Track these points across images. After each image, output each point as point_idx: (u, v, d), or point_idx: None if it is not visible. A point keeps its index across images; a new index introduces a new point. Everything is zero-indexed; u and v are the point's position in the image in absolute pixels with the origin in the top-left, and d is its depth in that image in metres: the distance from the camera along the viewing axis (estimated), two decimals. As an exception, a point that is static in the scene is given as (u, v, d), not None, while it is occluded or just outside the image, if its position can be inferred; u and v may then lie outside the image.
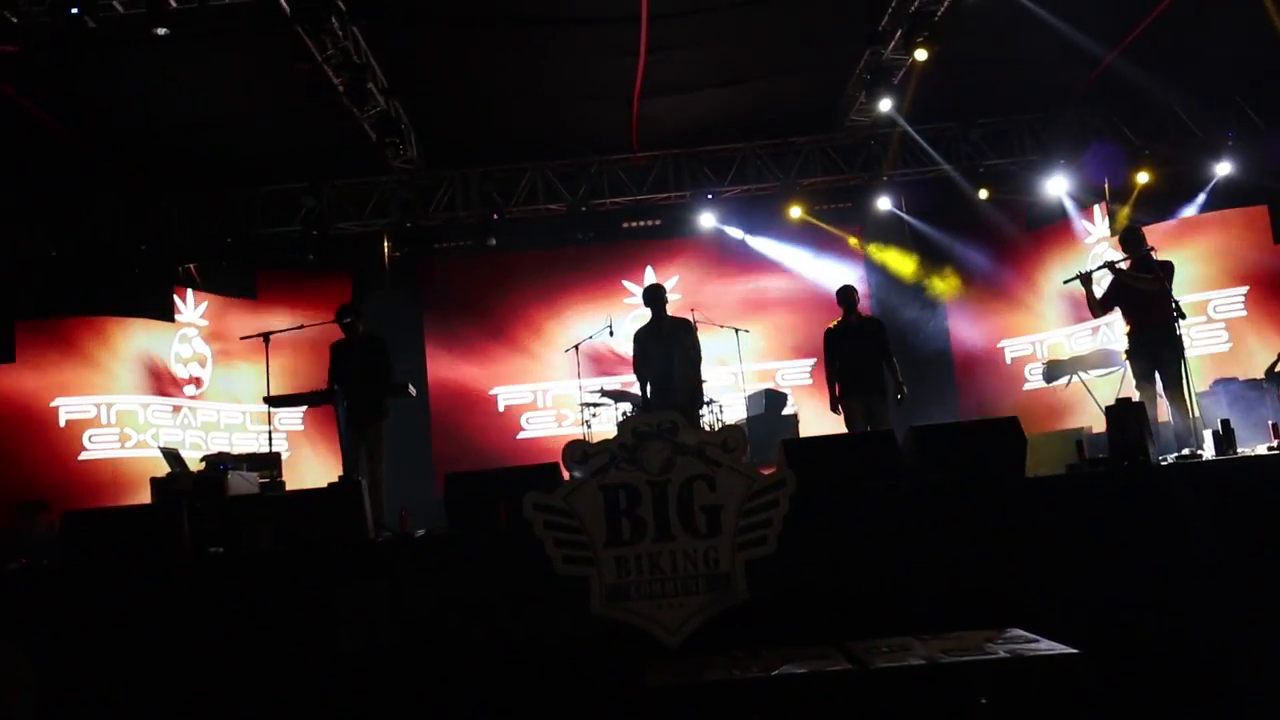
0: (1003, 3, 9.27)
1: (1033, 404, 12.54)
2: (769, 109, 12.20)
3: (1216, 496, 5.23)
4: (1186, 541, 5.13)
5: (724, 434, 5.23)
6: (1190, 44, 10.57)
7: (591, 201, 12.88)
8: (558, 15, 9.83)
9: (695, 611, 4.94)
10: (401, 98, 10.95)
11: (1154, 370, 7.79)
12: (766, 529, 5.01)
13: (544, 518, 5.00)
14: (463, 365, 13.24)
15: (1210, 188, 12.47)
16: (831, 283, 12.36)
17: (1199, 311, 11.81)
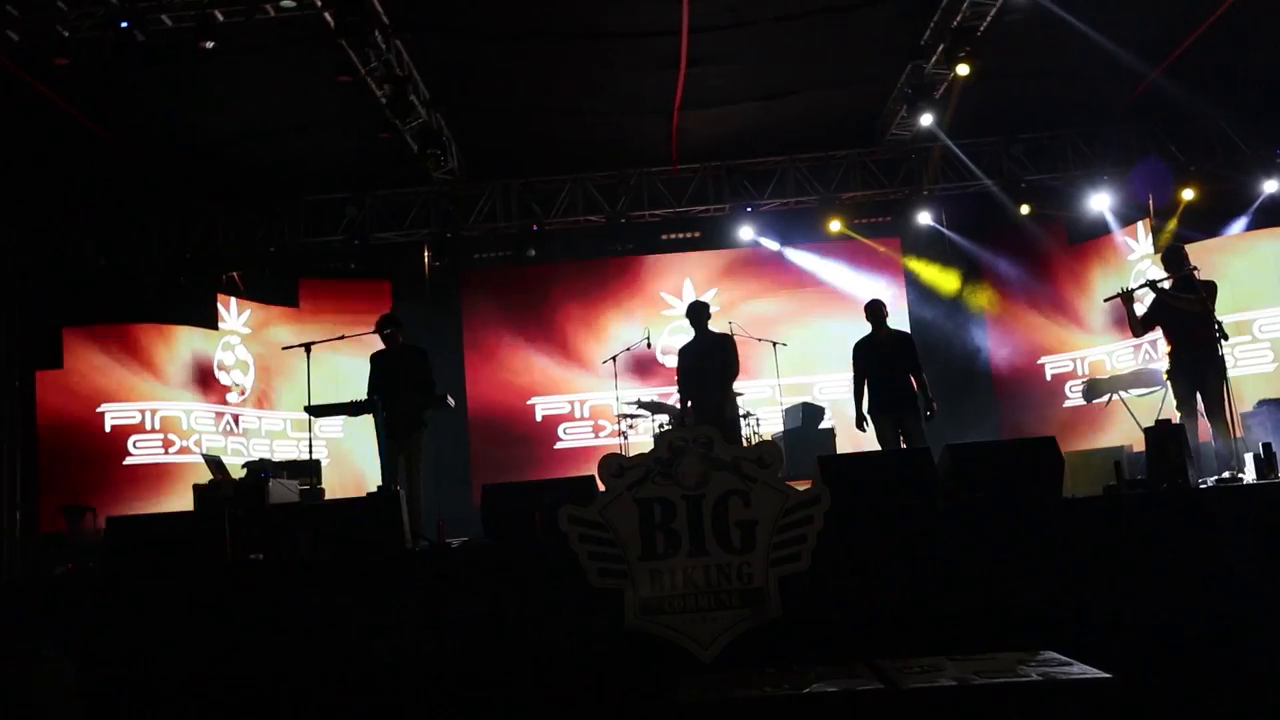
0: (1045, 18, 9.22)
1: (1073, 421, 12.44)
2: (809, 122, 12.20)
3: (1257, 521, 5.18)
4: (1226, 567, 5.08)
5: (759, 449, 5.25)
6: (1236, 60, 10.48)
7: (630, 213, 12.94)
8: (598, 28, 9.90)
9: (728, 627, 4.95)
10: (443, 109, 11.07)
11: (1195, 391, 7.70)
12: (800, 545, 5.01)
13: (579, 530, 5.03)
14: (501, 375, 13.33)
15: (1256, 205, 12.32)
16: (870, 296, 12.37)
17: (1243, 331, 11.67)
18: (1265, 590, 5.00)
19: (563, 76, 10.78)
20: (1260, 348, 11.80)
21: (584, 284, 13.63)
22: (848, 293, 13.45)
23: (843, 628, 5.08)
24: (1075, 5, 9.23)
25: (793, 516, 5.06)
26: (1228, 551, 5.09)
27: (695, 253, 13.82)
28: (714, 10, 9.56)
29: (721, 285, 13.60)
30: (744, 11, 9.66)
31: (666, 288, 13.60)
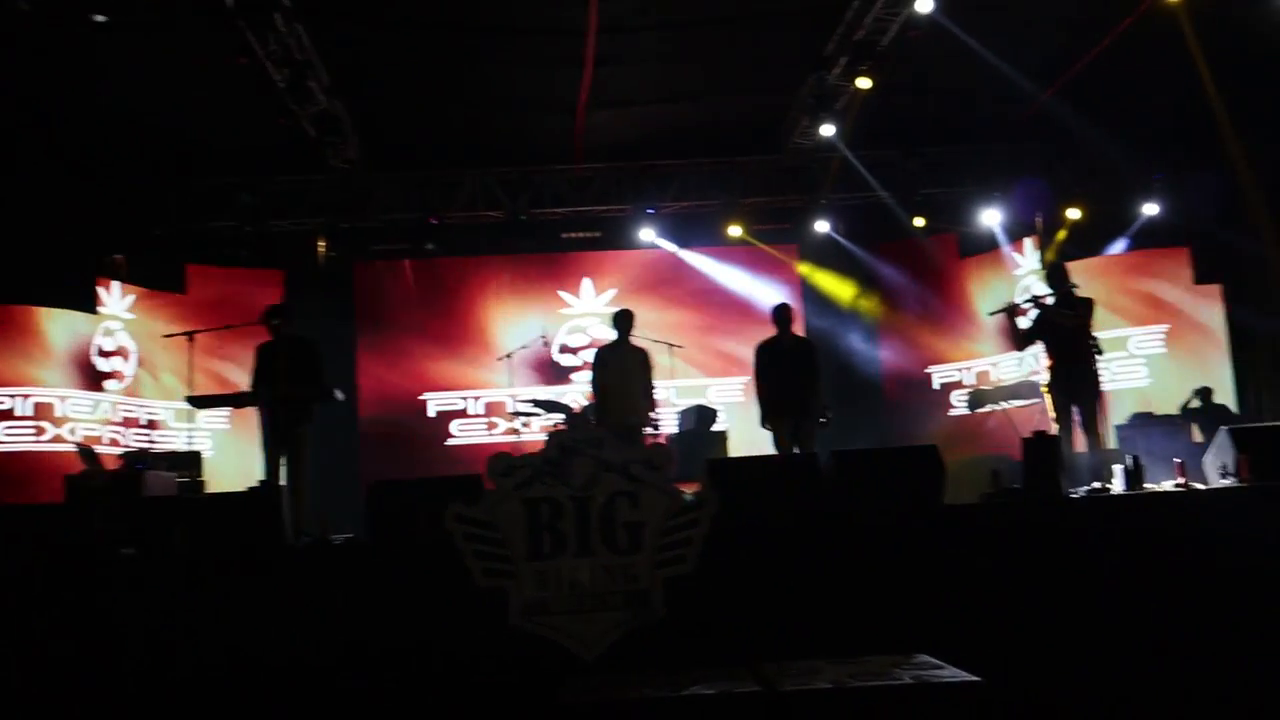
0: (944, 36, 9.43)
1: (959, 430, 12.74)
2: (713, 127, 12.31)
3: (1123, 529, 5.37)
4: (1093, 572, 5.25)
5: (649, 452, 5.26)
6: (1123, 86, 10.85)
7: (531, 210, 12.90)
8: (506, 24, 9.85)
9: (612, 627, 4.95)
10: (344, 97, 10.89)
11: (1071, 403, 7.97)
12: (686, 548, 5.04)
13: (465, 529, 4.99)
14: (394, 370, 13.13)
15: (1136, 227, 12.78)
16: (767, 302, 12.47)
17: (1120, 347, 12.09)
18: (1129, 595, 5.18)
19: (468, 70, 10.69)
20: (1135, 363, 12.24)
21: (482, 280, 13.51)
22: (745, 297, 13.58)
23: (726, 630, 5.13)
24: (973, 25, 9.46)
25: (680, 519, 5.09)
26: (1095, 558, 5.26)
27: (595, 252, 13.80)
28: (622, 12, 9.58)
29: (620, 286, 13.61)
30: (651, 14, 9.70)
31: (565, 286, 13.56)
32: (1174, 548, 5.34)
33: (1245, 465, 5.82)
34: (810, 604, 5.18)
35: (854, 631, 4.97)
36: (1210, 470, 6.17)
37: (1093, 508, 5.59)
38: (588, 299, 13.54)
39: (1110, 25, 10.00)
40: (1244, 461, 5.82)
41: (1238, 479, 5.82)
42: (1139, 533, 5.40)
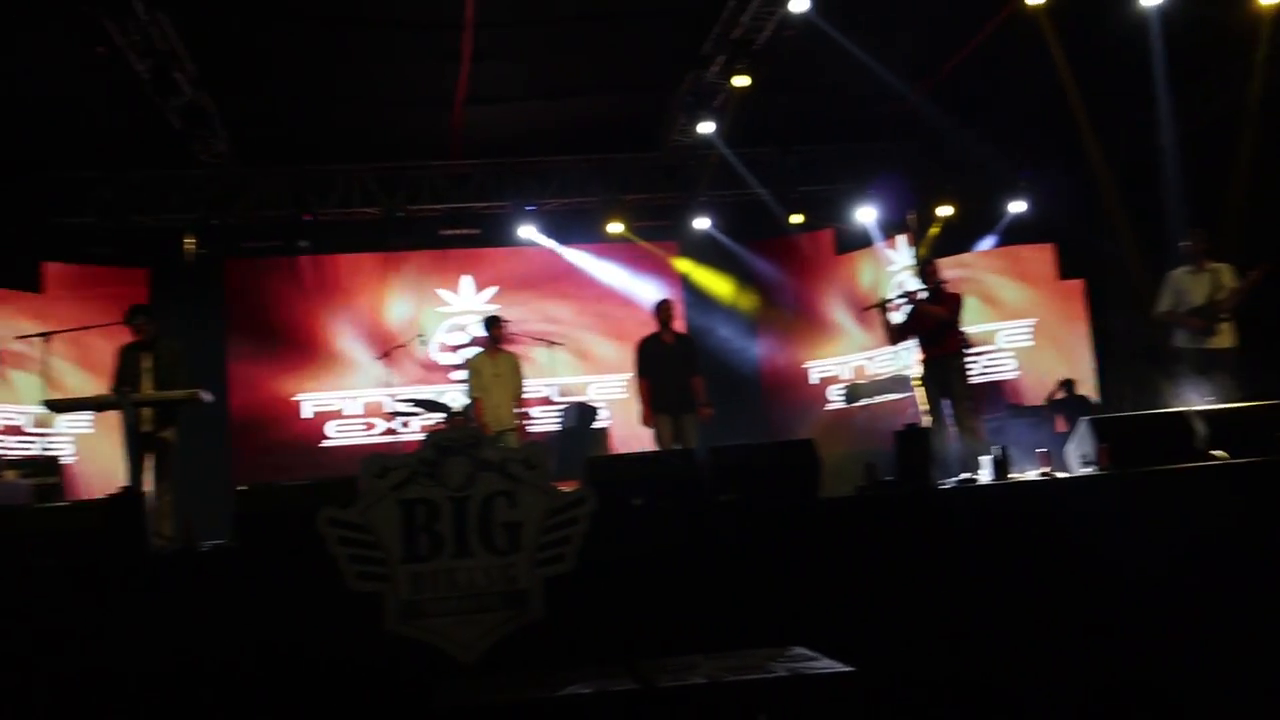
0: (820, 36, 9.57)
1: (836, 424, 12.96)
2: (593, 123, 12.29)
3: (991, 519, 5.51)
4: (962, 562, 5.38)
5: (526, 450, 5.21)
6: (990, 86, 11.17)
7: (409, 207, 12.70)
8: (381, 17, 9.68)
9: (490, 629, 4.89)
10: (212, 89, 10.54)
11: (943, 396, 8.18)
12: (565, 546, 5.01)
13: (338, 533, 4.87)
14: (267, 370, 12.79)
15: (1004, 224, 13.18)
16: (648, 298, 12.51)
17: (989, 341, 12.47)
18: (997, 584, 5.32)
19: (343, 63, 10.49)
20: (1004, 356, 12.63)
21: (358, 277, 13.27)
22: (626, 294, 13.60)
23: (606, 628, 5.11)
24: (847, 25, 9.62)
25: (558, 518, 5.05)
26: (965, 546, 5.39)
27: (474, 249, 13.65)
28: (498, 6, 9.49)
29: (501, 283, 13.51)
30: (529, 9, 9.64)
31: (444, 284, 13.40)
32: (1038, 534, 5.50)
33: (1105, 454, 6.02)
34: (689, 600, 5.20)
35: (733, 626, 4.99)
36: (1072, 459, 6.38)
37: (961, 498, 5.73)
38: (467, 297, 13.40)
39: (976, 27, 10.27)
40: (1104, 450, 6.03)
41: (1098, 467, 6.02)
42: (1006, 521, 5.55)
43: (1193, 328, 8.36)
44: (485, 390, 9.42)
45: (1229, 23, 9.64)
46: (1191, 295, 8.41)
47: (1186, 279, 8.49)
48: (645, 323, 9.66)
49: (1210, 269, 8.42)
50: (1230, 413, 6.50)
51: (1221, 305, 8.30)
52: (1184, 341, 8.44)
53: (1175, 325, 8.51)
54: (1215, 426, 6.15)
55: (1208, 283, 8.37)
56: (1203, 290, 8.36)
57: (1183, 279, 8.52)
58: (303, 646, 4.92)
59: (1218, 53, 10.76)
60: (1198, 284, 8.41)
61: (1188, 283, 8.47)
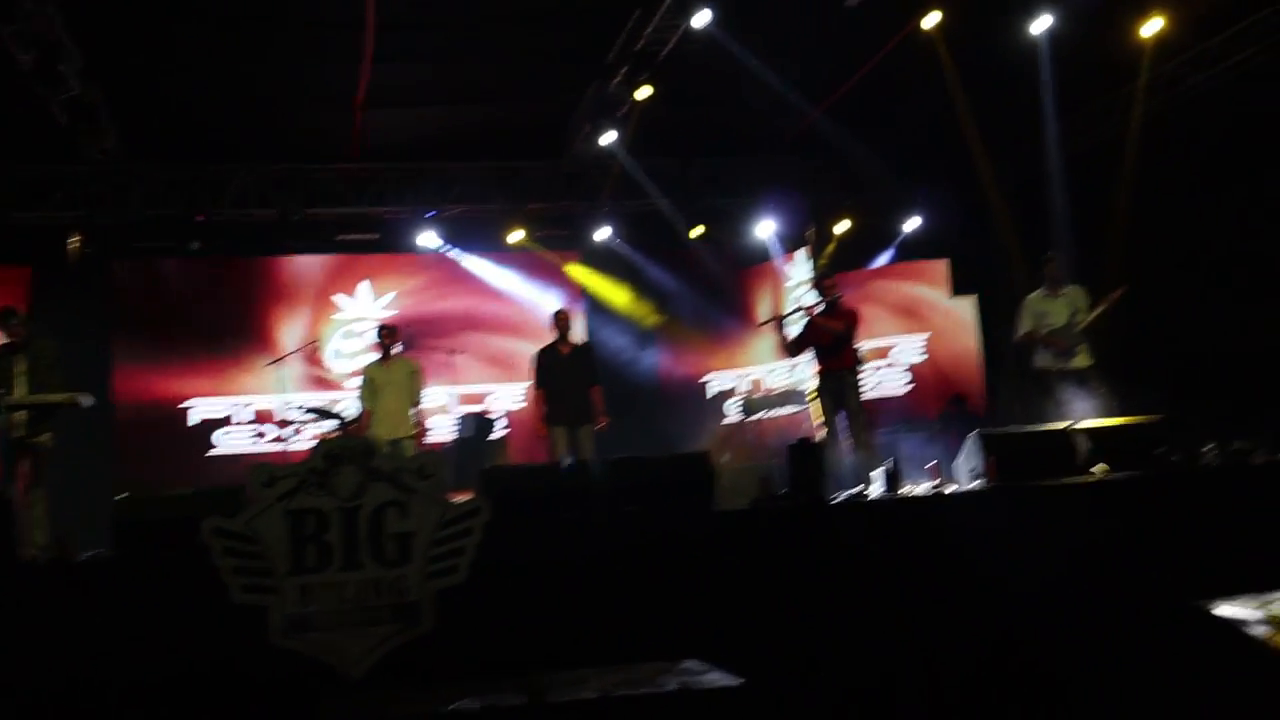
0: (722, 51, 9.65)
1: (734, 436, 13.04)
2: (496, 130, 12.19)
3: (881, 532, 5.60)
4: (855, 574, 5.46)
5: (420, 460, 5.16)
6: (890, 104, 11.39)
7: (306, 210, 12.43)
8: (282, 15, 9.49)
9: (379, 642, 4.81)
10: (103, 83, 10.20)
11: (837, 410, 8.30)
12: (458, 558, 4.95)
13: (223, 543, 4.74)
14: (154, 375, 12.38)
15: (900, 241, 13.46)
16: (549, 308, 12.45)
17: (883, 356, 12.70)
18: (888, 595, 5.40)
19: (241, 61, 10.23)
20: (898, 371, 12.87)
21: (252, 281, 12.97)
22: (526, 303, 13.53)
23: (499, 641, 5.06)
24: (749, 41, 9.72)
25: (451, 529, 4.99)
26: (856, 560, 5.47)
27: (373, 255, 13.44)
28: (401, 9, 9.38)
29: (399, 290, 13.33)
30: (432, 12, 9.54)
31: (341, 289, 13.17)
32: (928, 546, 5.61)
33: (993, 468, 6.18)
34: (584, 612, 5.17)
35: (626, 639, 4.99)
36: (961, 473, 6.52)
37: (853, 511, 5.81)
38: (365, 303, 13.20)
39: (875, 47, 10.46)
40: (991, 464, 6.18)
41: (985, 481, 6.17)
42: (896, 534, 5.65)
43: (1058, 348, 8.64)
44: (376, 398, 9.26)
45: (1114, 51, 9.97)
46: (1052, 317, 8.70)
47: (1045, 302, 8.80)
48: (545, 332, 9.62)
49: (1065, 292, 8.74)
50: (1112, 429, 6.71)
51: (1079, 327, 8.59)
52: (1046, 362, 8.71)
53: (1038, 346, 8.76)
54: (1097, 442, 6.35)
55: (1065, 305, 8.68)
56: (1063, 312, 8.67)
57: (1041, 302, 8.82)
58: (184, 661, 4.77)
59: (1104, 79, 11.13)
60: (1057, 306, 8.71)
61: (1047, 305, 8.78)
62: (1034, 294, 8.90)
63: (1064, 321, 8.63)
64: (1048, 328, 8.69)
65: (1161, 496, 6.04)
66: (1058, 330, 8.64)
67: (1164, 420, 6.72)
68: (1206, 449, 6.60)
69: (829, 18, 9.35)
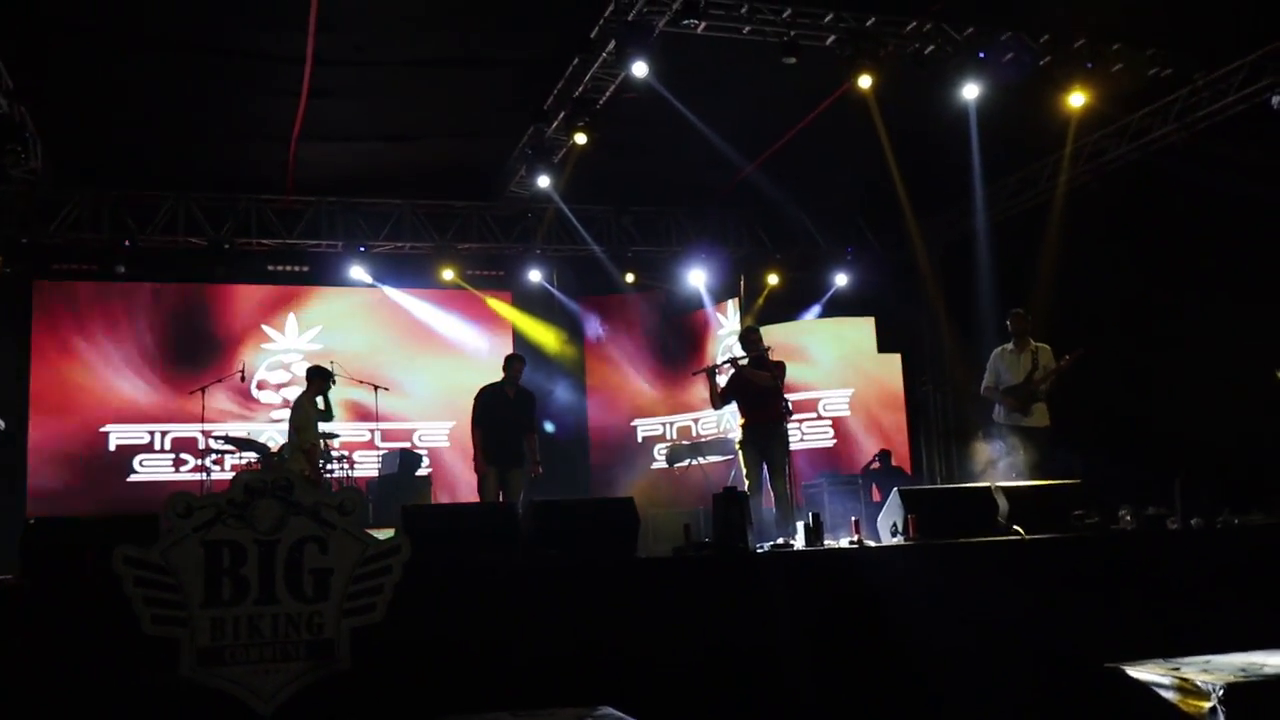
0: (659, 102, 9.77)
1: (660, 482, 13.10)
2: (430, 169, 12.21)
3: (802, 583, 5.64)
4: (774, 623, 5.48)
5: (341, 495, 5.10)
6: (820, 163, 11.59)
7: (236, 240, 12.30)
8: (219, 45, 9.42)
9: (292, 679, 4.73)
10: (30, 104, 10.04)
11: (762, 460, 8.36)
12: (376, 596, 4.89)
13: (135, 573, 4.63)
14: (73, 398, 12.13)
15: (828, 296, 13.67)
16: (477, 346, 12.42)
17: (810, 409, 12.83)
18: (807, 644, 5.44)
19: (176, 88, 10.12)
20: (824, 425, 13.01)
21: (178, 308, 12.78)
22: (455, 341, 13.50)
23: (414, 682, 5.01)
24: (686, 94, 9.85)
25: (370, 566, 4.93)
26: (776, 609, 5.50)
27: (302, 287, 13.33)
28: (340, 45, 9.37)
29: (326, 323, 13.22)
30: (371, 50, 9.54)
31: (268, 321, 13.03)
32: (847, 599, 5.66)
33: (913, 524, 6.25)
34: (501, 655, 5.14)
35: (542, 683, 4.96)
36: (883, 528, 6.59)
37: (775, 562, 5.83)
38: (291, 335, 13.07)
39: (810, 105, 10.67)
40: (912, 521, 6.26)
41: (905, 537, 6.24)
42: (817, 585, 5.69)
43: (1008, 406, 8.79)
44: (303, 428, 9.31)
45: (1041, 120, 10.28)
46: (1011, 374, 8.86)
47: (1008, 357, 8.94)
48: (474, 370, 9.61)
49: (1032, 349, 8.88)
50: (1031, 490, 6.84)
51: (1036, 385, 8.74)
52: (1001, 418, 8.87)
53: (996, 401, 8.93)
54: (1016, 503, 6.46)
55: (1027, 362, 8.82)
56: (1021, 370, 8.81)
57: (1004, 357, 8.97)
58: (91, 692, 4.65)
59: (1032, 147, 11.46)
60: (1017, 363, 8.86)
61: (1009, 361, 8.92)
62: (1000, 348, 9.04)
63: (1021, 379, 8.78)
64: (1006, 384, 8.84)
65: (1078, 558, 6.16)
66: (1015, 387, 8.78)
67: (1081, 484, 6.86)
68: (1122, 513, 6.74)
69: (766, 74, 9.51)
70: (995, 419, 8.96)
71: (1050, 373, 8.75)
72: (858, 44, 9.02)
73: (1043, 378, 8.74)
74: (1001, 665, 5.65)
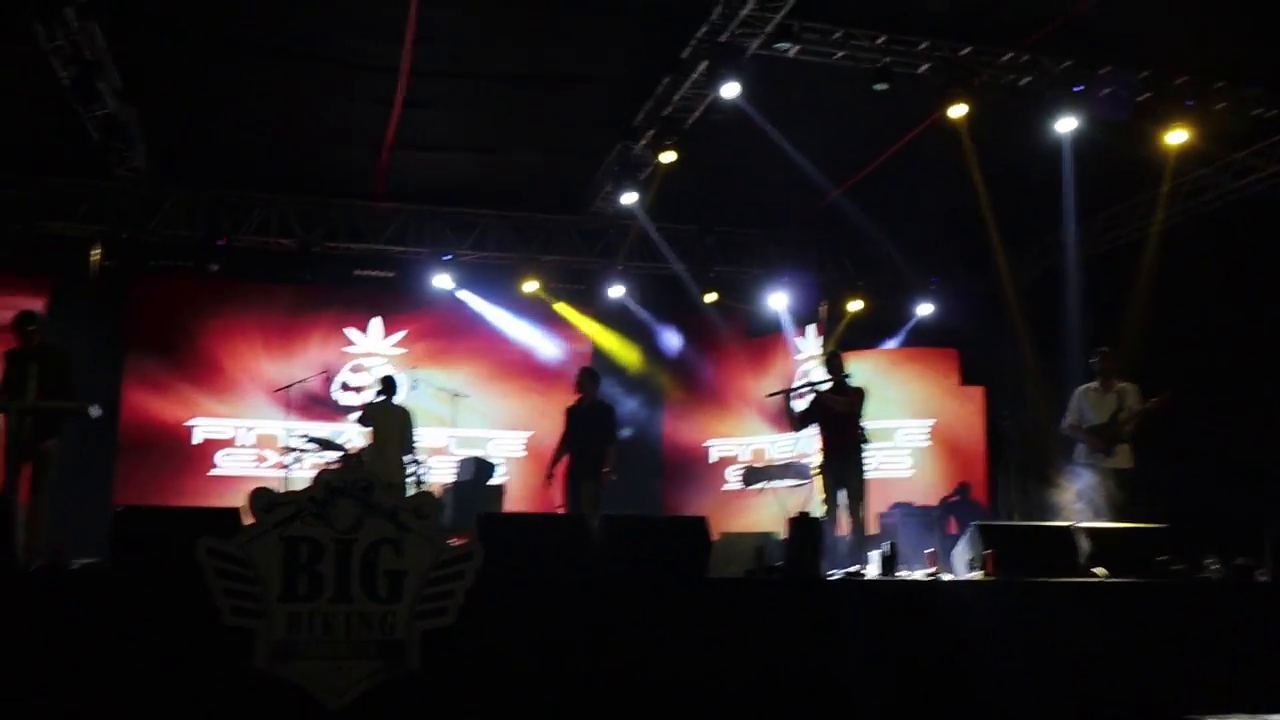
0: (747, 123, 9.77)
1: (731, 504, 13.04)
2: (518, 181, 12.32)
3: (874, 612, 5.57)
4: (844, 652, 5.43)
5: (418, 499, 5.18)
6: (908, 191, 11.49)
7: (325, 243, 12.53)
8: (318, 53, 9.63)
9: (363, 677, 4.81)
10: (137, 104, 10.35)
11: (839, 487, 8.28)
12: (448, 600, 4.96)
13: (217, 564, 4.76)
14: (163, 391, 12.43)
15: (911, 326, 13.52)
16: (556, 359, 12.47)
17: (887, 438, 12.70)
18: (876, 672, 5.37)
19: (273, 93, 10.35)
20: (901, 454, 12.86)
21: (267, 308, 13.04)
22: (535, 352, 13.58)
23: (481, 687, 5.04)
24: (776, 117, 9.83)
25: (444, 570, 5.00)
26: (846, 637, 5.44)
27: (387, 292, 13.52)
28: (436, 56, 9.53)
29: (410, 329, 13.40)
30: (466, 62, 9.68)
31: (352, 324, 13.24)
32: (921, 632, 5.59)
33: (990, 560, 6.15)
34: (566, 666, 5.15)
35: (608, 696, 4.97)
36: (959, 562, 6.50)
37: (848, 590, 5.78)
38: (375, 339, 13.27)
39: (900, 132, 10.59)
40: (989, 557, 6.16)
41: (983, 573, 6.14)
42: (888, 616, 5.62)
43: (1091, 446, 8.58)
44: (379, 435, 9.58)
45: (1138, 156, 10.08)
46: (1095, 413, 8.64)
47: (1093, 396, 8.72)
48: (551, 383, 9.66)
49: (1118, 389, 8.63)
50: (1114, 532, 6.69)
51: (1122, 426, 8.52)
52: (1083, 458, 8.66)
53: (1076, 440, 8.74)
54: (1098, 544, 6.33)
55: (1113, 403, 8.58)
56: (1106, 410, 8.58)
57: (1089, 395, 8.75)
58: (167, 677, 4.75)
59: (1127, 183, 11.25)
60: (1102, 403, 8.64)
61: (1093, 400, 8.70)
62: (1084, 386, 8.82)
63: (1105, 419, 8.57)
64: (1089, 423, 8.65)
65: (1161, 605, 6.01)
66: (1098, 427, 8.57)
67: (1167, 529, 6.69)
68: (1209, 562, 6.56)
69: (856, 99, 9.46)
70: (1077, 458, 8.76)
71: (1135, 414, 8.52)
72: (952, 73, 8.94)
73: (1128, 419, 8.52)
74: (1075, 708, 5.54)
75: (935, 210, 11.83)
